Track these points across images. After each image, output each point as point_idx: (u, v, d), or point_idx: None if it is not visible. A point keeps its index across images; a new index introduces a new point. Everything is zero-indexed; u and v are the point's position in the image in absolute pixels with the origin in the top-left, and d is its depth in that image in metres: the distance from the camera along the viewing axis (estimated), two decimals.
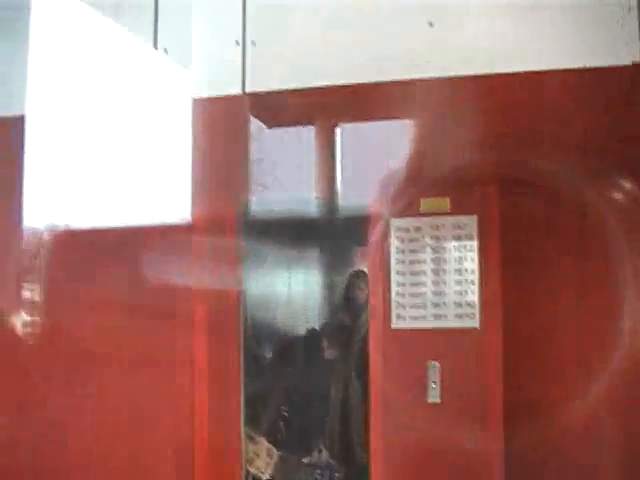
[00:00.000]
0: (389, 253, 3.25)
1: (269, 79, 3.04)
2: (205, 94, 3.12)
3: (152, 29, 3.29)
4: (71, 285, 3.19)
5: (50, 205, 3.32)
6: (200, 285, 3.16)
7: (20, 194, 3.32)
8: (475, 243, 3.15)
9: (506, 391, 2.99)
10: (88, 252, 3.24)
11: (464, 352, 3.10)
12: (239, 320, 3.16)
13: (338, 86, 2.94)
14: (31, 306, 3.25)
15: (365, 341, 3.30)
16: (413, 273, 3.22)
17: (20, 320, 3.24)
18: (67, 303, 3.21)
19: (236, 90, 3.01)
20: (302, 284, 5.04)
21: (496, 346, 3.02)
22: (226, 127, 3.17)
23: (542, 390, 2.99)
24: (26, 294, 3.27)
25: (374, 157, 3.65)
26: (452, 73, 2.87)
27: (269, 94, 3.03)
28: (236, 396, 3.13)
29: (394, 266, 3.24)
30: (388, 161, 3.41)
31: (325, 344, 4.24)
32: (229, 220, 3.23)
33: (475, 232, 3.15)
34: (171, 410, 3.12)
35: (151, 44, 3.33)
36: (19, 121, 3.42)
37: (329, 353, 4.22)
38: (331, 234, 4.62)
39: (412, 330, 3.17)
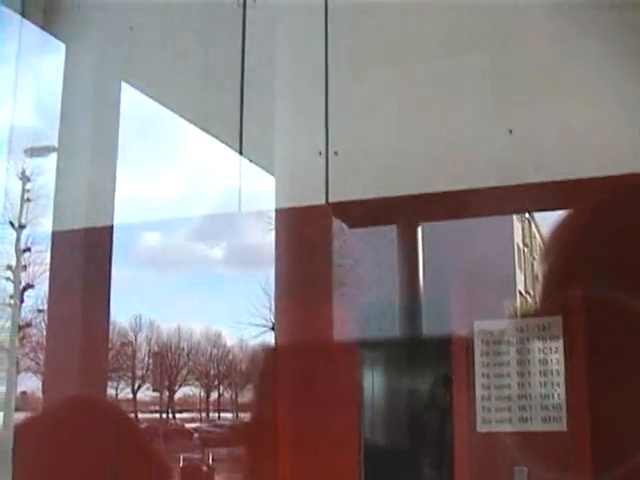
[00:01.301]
0: (473, 356, 3.23)
1: (351, 188, 3.12)
2: (288, 204, 3.22)
3: (237, 137, 3.41)
4: None
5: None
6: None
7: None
8: (560, 344, 3.11)
9: None
10: None
11: (552, 456, 3.04)
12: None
13: (419, 195, 3.01)
14: None
15: (450, 445, 3.27)
16: (498, 375, 3.19)
17: None
18: None
19: (319, 200, 3.09)
20: (383, 387, 5.01)
21: (584, 449, 2.95)
22: (309, 237, 3.25)
23: None
24: None
25: (457, 257, 3.68)
26: (532, 180, 2.90)
27: (352, 203, 3.12)
28: None
29: (478, 369, 3.22)
30: (471, 262, 3.42)
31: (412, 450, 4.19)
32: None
33: (560, 333, 3.12)
34: None
35: (236, 152, 3.46)
36: (107, 230, 3.64)
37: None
38: (413, 336, 4.61)
39: (498, 434, 3.13)
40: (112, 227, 3.71)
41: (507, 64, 3.03)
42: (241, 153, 3.40)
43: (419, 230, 4.43)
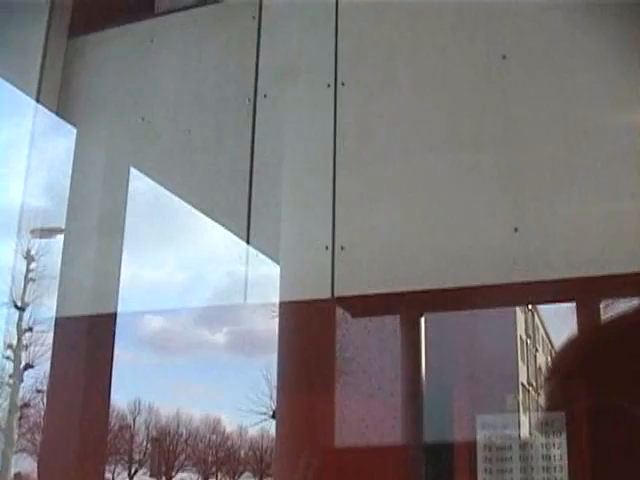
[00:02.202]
0: (475, 449, 3.19)
1: (357, 282, 3.13)
2: (293, 296, 3.23)
3: (245, 226, 3.44)
4: None
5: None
6: None
7: None
8: (564, 440, 3.08)
9: None
10: None
11: None
12: None
13: (424, 291, 3.02)
14: None
15: None
16: (500, 471, 3.15)
17: None
18: None
19: (325, 293, 3.10)
20: None
21: None
22: (314, 329, 3.25)
23: None
24: None
25: (460, 349, 3.67)
26: (539, 278, 2.91)
27: (357, 297, 3.12)
28: None
29: (481, 464, 3.18)
30: (475, 354, 3.41)
31: None
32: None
33: (563, 428, 3.09)
34: None
35: (243, 241, 3.48)
36: (110, 318, 3.66)
37: None
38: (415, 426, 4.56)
39: None
40: (115, 314, 3.72)
41: (513, 161, 3.08)
42: (248, 242, 3.42)
43: (422, 321, 4.43)
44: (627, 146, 2.89)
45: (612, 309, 3.11)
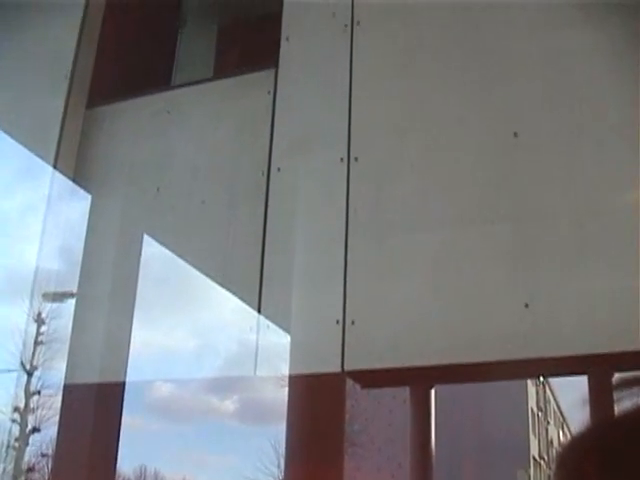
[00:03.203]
0: None
1: (367, 356, 3.12)
2: (303, 370, 3.22)
3: (256, 296, 3.45)
4: None
5: None
6: None
7: None
8: None
9: None
10: None
11: None
12: None
13: (435, 366, 3.01)
14: None
15: None
16: None
17: None
18: None
19: (335, 368, 3.09)
20: None
21: None
22: (323, 401, 3.23)
23: None
24: None
25: (471, 421, 3.63)
26: (550, 354, 2.90)
27: (367, 371, 3.11)
28: None
29: None
30: (485, 426, 3.38)
31: None
32: None
33: None
34: None
35: (254, 310, 3.48)
36: (119, 386, 3.66)
37: None
38: None
39: None
40: (124, 382, 3.72)
41: (524, 238, 3.08)
42: (259, 312, 3.43)
43: (432, 392, 4.40)
44: (636, 225, 2.89)
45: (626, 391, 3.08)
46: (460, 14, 3.49)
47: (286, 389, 3.56)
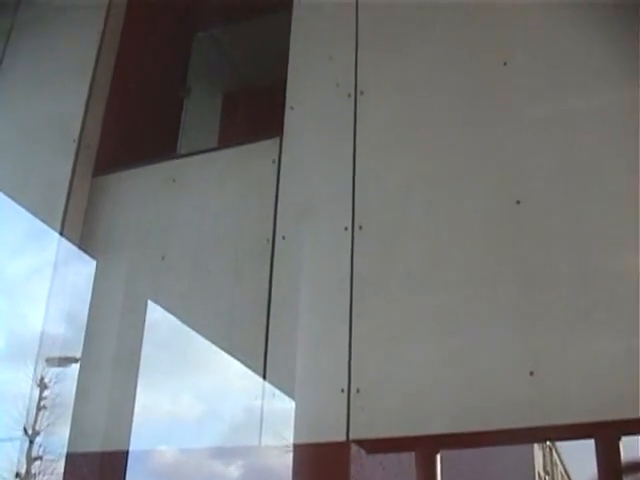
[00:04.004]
0: None
1: (373, 425, 3.10)
2: (308, 439, 3.20)
3: (262, 363, 3.45)
4: None
5: None
6: None
7: None
8: None
9: None
10: None
11: None
12: None
13: (442, 435, 3.00)
14: None
15: None
16: None
17: None
18: None
19: (340, 437, 3.08)
20: None
21: None
22: (328, 469, 3.21)
23: None
24: None
25: None
26: (556, 422, 2.88)
27: (372, 439, 3.10)
28: None
29: None
30: None
31: None
32: None
33: None
34: None
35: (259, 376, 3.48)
36: (122, 454, 3.65)
37: None
38: None
39: None
40: (128, 451, 3.70)
41: (528, 303, 3.09)
42: (264, 378, 3.42)
43: (438, 457, 4.35)
44: None
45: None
46: (463, 85, 3.57)
47: (291, 454, 3.53)
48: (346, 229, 3.42)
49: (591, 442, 3.22)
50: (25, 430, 5.20)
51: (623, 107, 3.23)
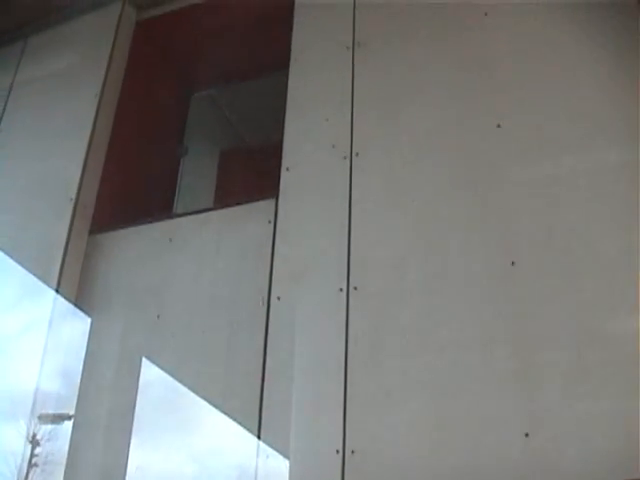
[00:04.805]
0: None
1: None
2: None
3: (256, 421, 3.43)
4: None
5: None
6: None
7: None
8: None
9: None
10: None
11: None
12: None
13: None
14: None
15: None
16: None
17: None
18: None
19: None
20: None
21: None
22: None
23: None
24: None
25: None
26: None
27: None
28: None
29: None
30: None
31: None
32: None
33: None
34: None
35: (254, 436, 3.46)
36: None
37: None
38: None
39: None
40: None
41: (523, 364, 3.09)
42: (259, 437, 3.41)
43: None
44: (636, 353, 2.90)
45: None
46: (457, 147, 3.64)
47: None
48: (341, 290, 3.44)
49: None
50: None
51: (616, 168, 3.29)
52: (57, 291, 4.13)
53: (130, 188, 4.72)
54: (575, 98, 3.54)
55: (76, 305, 4.16)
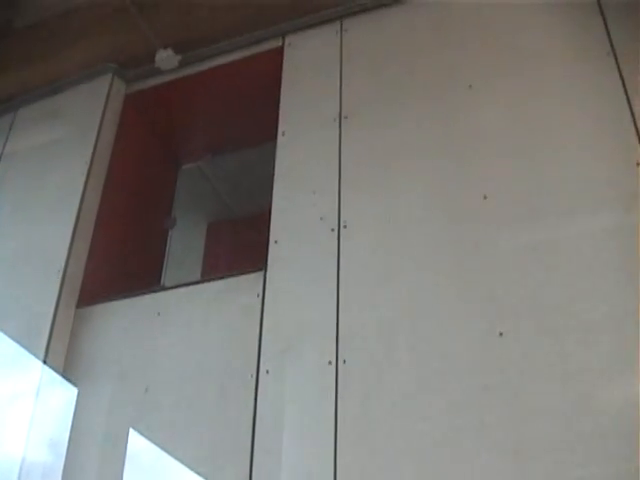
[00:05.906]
0: None
1: None
2: None
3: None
4: None
5: None
6: None
7: None
8: None
9: None
10: None
11: None
12: None
13: None
14: None
15: None
16: None
17: None
18: None
19: None
20: None
21: None
22: None
23: None
24: None
25: None
26: None
27: None
28: None
29: None
30: None
31: None
32: None
33: None
34: None
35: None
36: None
37: None
38: None
39: None
40: None
41: (514, 434, 3.08)
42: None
43: None
44: (633, 420, 2.90)
45: None
46: (445, 218, 3.68)
47: None
48: (330, 363, 3.44)
49: None
50: None
51: (605, 235, 3.32)
52: (44, 362, 4.11)
53: (118, 261, 4.75)
54: (559, 164, 3.60)
55: (63, 376, 4.14)
